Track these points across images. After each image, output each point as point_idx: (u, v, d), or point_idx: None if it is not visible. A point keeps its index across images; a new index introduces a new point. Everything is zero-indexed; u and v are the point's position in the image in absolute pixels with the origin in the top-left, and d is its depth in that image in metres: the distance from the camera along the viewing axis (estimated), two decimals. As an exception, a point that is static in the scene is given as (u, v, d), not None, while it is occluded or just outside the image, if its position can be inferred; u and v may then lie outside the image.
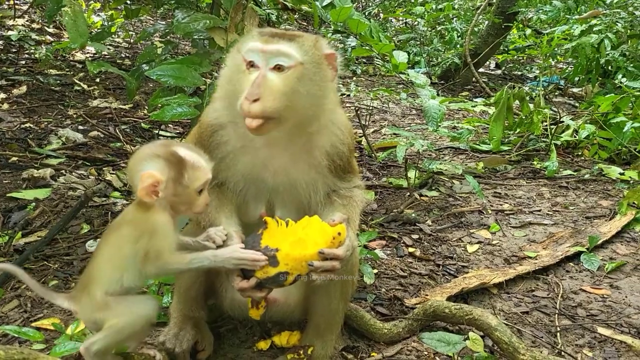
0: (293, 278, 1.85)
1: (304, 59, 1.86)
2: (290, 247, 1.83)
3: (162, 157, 1.72)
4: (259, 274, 1.84)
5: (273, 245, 1.84)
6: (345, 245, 1.89)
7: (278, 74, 1.83)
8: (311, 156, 2.05)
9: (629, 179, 4.50)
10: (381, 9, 11.88)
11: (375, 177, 4.68)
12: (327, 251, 1.83)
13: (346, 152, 2.12)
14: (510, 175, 4.77)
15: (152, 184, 1.69)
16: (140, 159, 1.75)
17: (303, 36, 1.92)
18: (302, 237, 1.85)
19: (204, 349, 2.30)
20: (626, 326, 2.70)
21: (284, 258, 1.82)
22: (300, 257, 1.82)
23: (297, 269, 1.84)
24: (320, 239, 1.84)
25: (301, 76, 1.85)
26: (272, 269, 1.83)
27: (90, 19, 8.10)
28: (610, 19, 6.67)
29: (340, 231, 1.87)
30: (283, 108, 1.81)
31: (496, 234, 3.66)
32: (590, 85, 7.19)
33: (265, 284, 1.86)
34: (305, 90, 1.86)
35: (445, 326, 2.59)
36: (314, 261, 1.82)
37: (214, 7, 3.86)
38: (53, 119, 5.05)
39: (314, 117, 1.95)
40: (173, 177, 1.71)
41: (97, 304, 1.72)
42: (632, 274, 3.17)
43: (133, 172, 1.74)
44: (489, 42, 8.25)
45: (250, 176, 2.08)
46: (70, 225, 3.30)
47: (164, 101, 3.03)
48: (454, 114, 6.87)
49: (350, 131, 2.16)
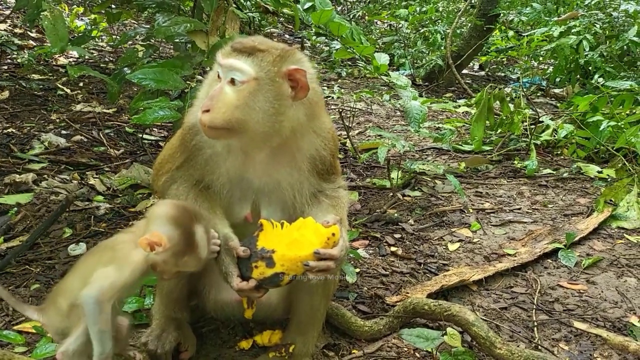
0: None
1: (259, 75, 1.86)
2: (286, 248, 1.88)
3: (181, 231, 1.80)
4: (255, 275, 1.89)
5: (269, 247, 1.89)
6: (340, 245, 1.93)
7: (232, 88, 1.87)
8: (293, 159, 2.09)
9: (607, 177, 4.59)
10: (366, 12, 11.95)
11: (358, 177, 4.73)
12: (323, 251, 1.87)
13: (329, 157, 2.16)
14: (491, 174, 4.84)
15: (156, 243, 1.78)
16: (166, 214, 1.83)
17: (267, 51, 1.89)
18: (298, 238, 1.90)
19: (187, 350, 2.32)
20: (602, 320, 2.76)
21: (280, 259, 1.87)
22: (296, 258, 1.87)
23: (293, 269, 1.88)
24: (315, 240, 1.89)
25: (254, 91, 1.86)
26: (269, 270, 1.88)
27: (74, 24, 8.07)
28: (589, 21, 6.78)
29: (334, 232, 1.92)
30: (234, 121, 1.85)
31: (477, 233, 3.72)
32: (571, 85, 7.31)
33: (262, 285, 1.91)
34: (257, 106, 1.86)
35: (425, 323, 2.64)
36: (309, 261, 1.87)
37: (196, 10, 3.89)
38: (36, 123, 5.03)
39: (274, 132, 1.92)
40: (174, 252, 1.79)
41: (63, 313, 1.79)
42: (608, 269, 3.25)
43: (154, 218, 1.84)
44: (472, 44, 8.35)
45: (235, 178, 2.11)
46: (52, 230, 3.30)
47: (145, 104, 3.06)
48: (437, 115, 6.95)
49: (333, 136, 2.19)
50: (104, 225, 3.42)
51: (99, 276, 1.75)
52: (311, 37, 10.16)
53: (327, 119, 2.19)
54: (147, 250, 1.79)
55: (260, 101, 1.86)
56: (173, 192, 2.15)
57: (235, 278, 1.92)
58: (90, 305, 1.70)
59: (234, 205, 2.15)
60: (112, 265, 1.78)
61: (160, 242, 1.77)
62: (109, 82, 3.61)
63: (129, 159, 4.47)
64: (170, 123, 4.00)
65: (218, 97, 1.86)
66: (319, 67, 9.38)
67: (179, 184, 2.15)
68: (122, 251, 1.82)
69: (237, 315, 2.40)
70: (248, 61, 1.87)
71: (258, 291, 1.93)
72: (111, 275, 1.76)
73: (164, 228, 1.79)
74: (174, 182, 2.16)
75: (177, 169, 2.17)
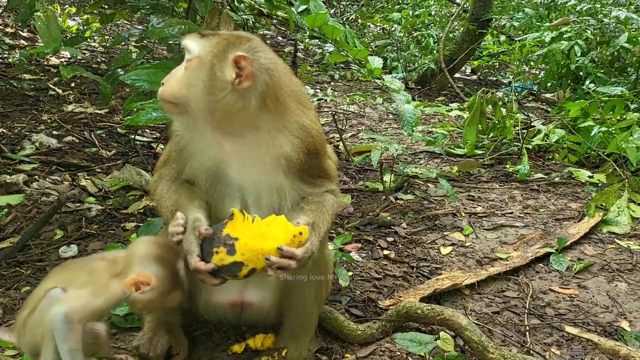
0: (247, 270, 1.87)
1: (201, 54, 1.92)
2: (250, 239, 1.86)
3: (168, 270, 1.81)
4: (215, 261, 1.87)
5: (234, 235, 1.87)
6: (305, 247, 1.91)
7: (184, 66, 1.95)
8: (266, 154, 2.03)
9: (598, 182, 4.62)
10: (359, 15, 11.99)
11: (351, 180, 4.73)
12: (286, 249, 1.86)
13: (308, 158, 2.08)
14: (483, 178, 4.86)
15: (143, 282, 1.77)
16: (151, 253, 1.83)
17: (219, 35, 1.96)
18: (264, 232, 1.88)
19: (179, 353, 2.31)
20: (593, 325, 2.78)
21: (241, 248, 1.85)
22: (257, 249, 1.85)
23: (253, 261, 1.86)
24: (281, 236, 1.87)
25: (195, 69, 1.91)
26: (228, 257, 1.85)
27: (66, 24, 8.02)
28: (580, 27, 6.84)
29: (302, 231, 1.90)
30: (179, 95, 1.92)
31: (469, 236, 3.73)
32: (562, 90, 7.37)
33: (220, 272, 1.88)
34: (196, 83, 1.90)
35: (417, 327, 2.64)
36: (271, 256, 1.85)
37: (190, 12, 3.88)
38: (27, 124, 4.99)
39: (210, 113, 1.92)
40: (161, 291, 1.79)
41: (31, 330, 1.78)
42: (599, 274, 3.27)
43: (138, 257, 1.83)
44: (464, 48, 8.39)
45: (217, 172, 2.10)
46: (44, 231, 3.27)
47: (138, 105, 3.04)
48: (430, 118, 6.97)
49: (318, 135, 2.11)
50: (95, 227, 3.40)
51: (72, 296, 1.76)
52: (304, 39, 10.16)
53: (306, 118, 2.10)
54: (131, 289, 1.79)
55: (199, 79, 1.90)
56: (160, 188, 2.17)
57: (194, 257, 1.88)
58: (59, 323, 1.71)
59: (222, 202, 2.13)
60: (87, 289, 1.78)
61: (149, 282, 1.77)
62: (102, 83, 3.59)
63: (121, 160, 4.45)
64: (163, 124, 3.98)
65: (173, 73, 1.97)
66: (311, 70, 9.39)
67: (165, 180, 2.17)
68: (99, 278, 1.81)
69: (229, 319, 2.40)
70: (198, 42, 1.95)
71: (215, 277, 1.90)
72: (84, 299, 1.77)
73: (151, 268, 1.78)
74: (160, 180, 2.19)
75: (163, 165, 2.21)
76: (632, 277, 3.22)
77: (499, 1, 9.72)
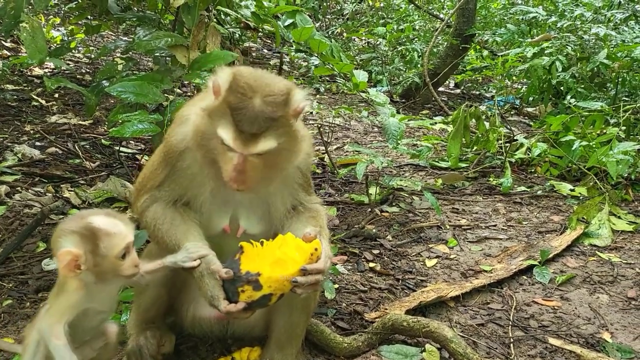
0: (277, 298, 1.90)
1: (280, 141, 1.89)
2: (271, 269, 1.87)
3: (76, 232, 1.76)
4: (243, 299, 1.88)
5: (254, 270, 1.88)
6: (323, 258, 1.95)
7: (257, 157, 1.88)
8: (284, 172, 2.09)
9: (579, 195, 4.70)
10: (344, 29, 12.09)
11: (337, 193, 4.75)
12: (310, 267, 1.89)
13: (310, 167, 2.22)
14: (467, 191, 4.91)
15: (72, 260, 1.73)
16: (57, 237, 1.78)
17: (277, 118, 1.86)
18: (281, 257, 1.89)
19: (164, 345, 2.31)
20: (575, 337, 2.81)
21: (266, 281, 1.86)
22: (282, 278, 1.87)
23: (281, 288, 1.88)
24: (299, 257, 1.89)
25: (279, 152, 1.91)
26: (256, 292, 1.87)
27: (50, 34, 7.96)
28: (561, 43, 6.98)
29: (316, 247, 1.93)
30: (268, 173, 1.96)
31: (454, 249, 3.76)
32: (544, 105, 7.49)
33: (250, 307, 1.90)
34: (283, 157, 1.96)
35: (403, 339, 2.65)
36: (297, 277, 1.87)
37: (177, 25, 3.88)
38: (9, 134, 4.93)
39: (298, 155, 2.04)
40: (90, 249, 1.75)
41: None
42: (581, 286, 3.31)
43: (54, 250, 1.80)
44: (448, 62, 8.51)
45: (219, 194, 2.10)
46: (26, 244, 3.23)
47: (124, 117, 3.03)
48: (414, 131, 7.04)
49: (310, 142, 2.21)
50: (78, 240, 3.36)
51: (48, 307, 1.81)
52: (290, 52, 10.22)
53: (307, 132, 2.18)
54: (75, 272, 1.75)
55: (284, 154, 1.96)
56: (152, 211, 2.12)
57: (222, 301, 1.90)
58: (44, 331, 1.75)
59: (213, 217, 2.14)
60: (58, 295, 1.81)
61: (72, 255, 1.73)
62: (86, 94, 3.57)
63: (105, 171, 4.41)
64: (148, 136, 3.97)
65: (247, 170, 1.88)
66: (297, 82, 9.43)
67: (159, 203, 2.13)
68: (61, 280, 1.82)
69: (216, 332, 2.39)
70: (269, 138, 1.87)
71: (246, 312, 1.93)
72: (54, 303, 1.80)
73: (63, 244, 1.75)
74: (154, 202, 2.14)
75: (158, 187, 2.14)
76: (613, 289, 3.27)
77: (481, 17, 9.88)
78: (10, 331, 2.49)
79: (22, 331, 2.39)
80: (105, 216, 1.81)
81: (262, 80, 1.90)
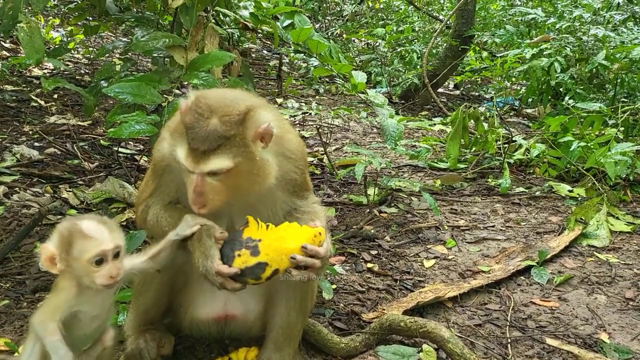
0: (271, 271, 1.88)
1: (235, 161, 1.86)
2: (273, 240, 1.89)
3: (59, 231, 1.79)
4: (237, 264, 1.87)
5: (255, 237, 1.89)
6: (325, 246, 1.95)
7: (214, 178, 1.88)
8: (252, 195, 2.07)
9: (577, 196, 4.70)
10: (344, 30, 12.11)
11: (335, 194, 4.75)
12: (310, 247, 1.89)
13: (299, 176, 2.16)
14: (466, 192, 4.91)
15: (49, 257, 1.76)
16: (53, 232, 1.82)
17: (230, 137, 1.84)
18: (283, 235, 1.91)
19: (163, 346, 2.31)
20: (573, 337, 2.81)
21: (265, 248, 1.87)
22: (282, 249, 1.87)
23: (277, 261, 1.87)
24: (301, 237, 1.90)
25: (239, 174, 1.88)
26: (252, 258, 1.86)
27: (49, 35, 7.97)
28: (560, 44, 7.00)
29: (320, 231, 1.94)
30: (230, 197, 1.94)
31: (452, 250, 3.76)
32: (543, 106, 7.50)
33: (242, 275, 1.88)
34: (244, 178, 1.91)
35: (400, 339, 2.65)
36: (296, 254, 1.87)
37: (175, 25, 3.89)
38: (8, 135, 4.93)
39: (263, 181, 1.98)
40: (65, 249, 1.76)
41: None
42: (579, 286, 3.31)
43: None
44: (447, 63, 8.52)
45: None
46: (24, 244, 3.22)
47: (122, 118, 3.03)
48: (413, 132, 7.04)
49: (302, 154, 2.19)
50: (76, 240, 3.36)
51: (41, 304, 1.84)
52: (289, 53, 10.24)
53: (293, 138, 2.17)
54: (54, 268, 1.77)
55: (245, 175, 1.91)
56: (151, 213, 2.15)
57: (216, 260, 1.88)
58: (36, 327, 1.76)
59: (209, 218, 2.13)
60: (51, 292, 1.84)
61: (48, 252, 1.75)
62: (85, 95, 3.58)
63: (104, 172, 4.41)
64: (147, 137, 3.97)
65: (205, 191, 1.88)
66: (296, 83, 9.44)
67: (152, 208, 2.15)
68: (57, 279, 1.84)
69: (213, 333, 2.39)
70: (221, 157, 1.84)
71: (235, 281, 1.89)
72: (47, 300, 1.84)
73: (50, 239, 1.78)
74: (148, 209, 2.16)
75: (150, 196, 2.18)
76: (611, 290, 3.27)
77: (481, 18, 9.90)
78: (7, 331, 2.49)
79: (19, 332, 2.41)
80: (91, 221, 1.80)
81: (224, 101, 1.89)
